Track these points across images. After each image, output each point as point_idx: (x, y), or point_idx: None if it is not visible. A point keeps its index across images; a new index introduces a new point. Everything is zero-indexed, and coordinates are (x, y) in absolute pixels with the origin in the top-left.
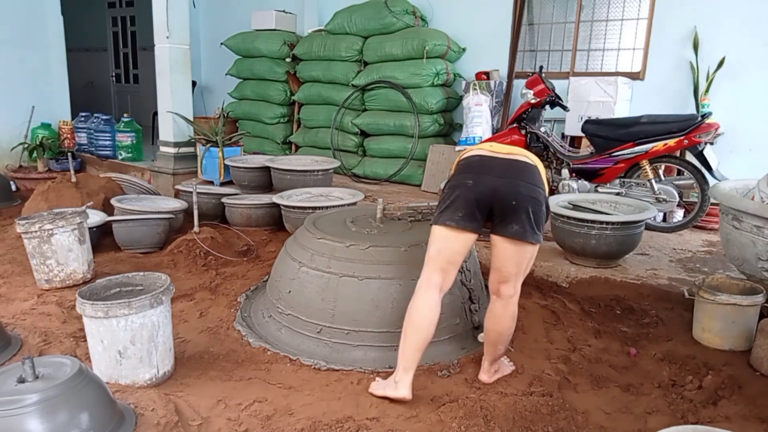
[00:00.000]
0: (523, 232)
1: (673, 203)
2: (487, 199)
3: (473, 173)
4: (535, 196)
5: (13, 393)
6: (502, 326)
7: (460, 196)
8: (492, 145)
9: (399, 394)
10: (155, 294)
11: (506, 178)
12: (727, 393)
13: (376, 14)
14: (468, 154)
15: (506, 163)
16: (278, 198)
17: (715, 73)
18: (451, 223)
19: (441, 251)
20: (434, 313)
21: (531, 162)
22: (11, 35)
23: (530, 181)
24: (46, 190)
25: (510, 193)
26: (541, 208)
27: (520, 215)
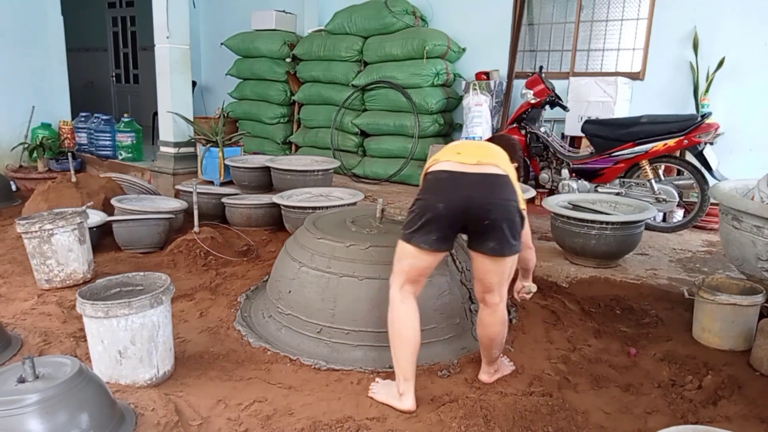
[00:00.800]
0: (500, 248)
1: (672, 203)
2: (460, 220)
3: (443, 194)
4: (509, 210)
5: (13, 393)
6: (492, 332)
7: (432, 220)
8: (460, 153)
9: (404, 406)
10: (155, 294)
11: (477, 198)
12: (726, 393)
13: (376, 14)
14: (436, 168)
15: (476, 180)
16: (278, 198)
17: (715, 73)
18: (425, 247)
19: (413, 267)
20: (416, 320)
21: (502, 173)
22: (11, 35)
23: (502, 196)
24: (47, 190)
25: (482, 213)
26: (515, 220)
27: (494, 233)
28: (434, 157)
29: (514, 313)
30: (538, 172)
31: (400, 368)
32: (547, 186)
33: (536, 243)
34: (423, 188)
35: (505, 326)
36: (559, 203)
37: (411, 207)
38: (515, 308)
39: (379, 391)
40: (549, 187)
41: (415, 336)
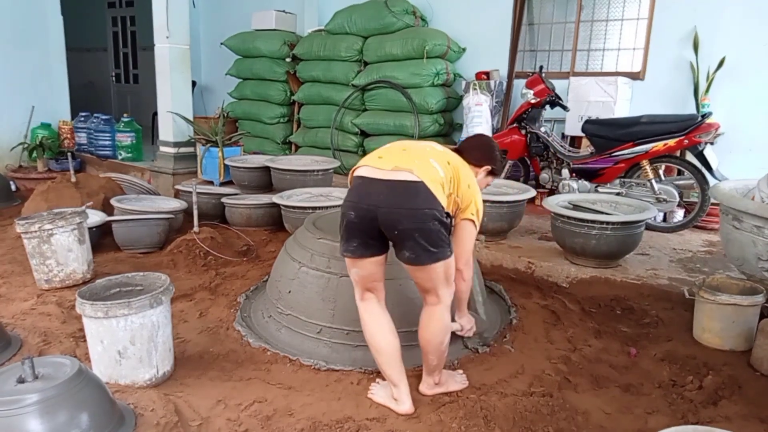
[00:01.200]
0: (416, 257)
1: (673, 203)
2: (373, 227)
3: (354, 201)
4: (418, 220)
5: (13, 393)
6: (428, 334)
7: (348, 228)
8: (381, 156)
9: (401, 409)
10: (155, 294)
11: (385, 206)
12: (727, 393)
13: (376, 14)
14: (356, 172)
15: (386, 187)
16: (278, 198)
17: (715, 73)
18: (348, 254)
19: (359, 275)
20: (385, 326)
21: (414, 179)
22: (11, 35)
23: (411, 205)
24: (46, 190)
25: (391, 222)
26: (430, 229)
27: (406, 242)
28: (361, 161)
29: (514, 313)
30: (538, 172)
31: (386, 375)
32: (547, 186)
33: (537, 243)
34: (347, 193)
35: (443, 331)
36: (559, 203)
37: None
38: (515, 308)
39: (378, 392)
40: (549, 187)
41: (387, 343)
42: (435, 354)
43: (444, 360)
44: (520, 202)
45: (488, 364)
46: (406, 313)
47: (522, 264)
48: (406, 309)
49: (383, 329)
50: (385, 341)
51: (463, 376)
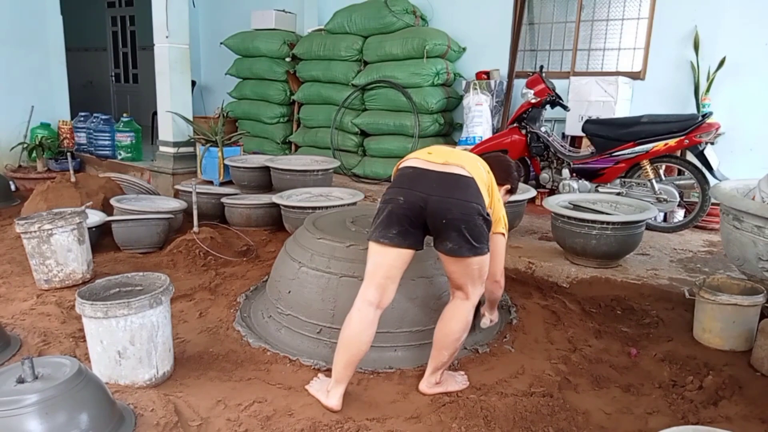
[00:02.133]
0: (458, 249)
1: (673, 203)
2: (419, 215)
3: (405, 188)
4: (467, 212)
5: (13, 393)
6: (447, 328)
7: (392, 213)
8: (431, 152)
9: (328, 403)
10: (155, 294)
11: (436, 194)
12: (727, 393)
13: (376, 14)
14: (404, 164)
15: (438, 177)
16: (278, 198)
17: (716, 72)
18: (385, 241)
19: (377, 266)
20: (367, 333)
21: (466, 174)
22: (11, 35)
23: (462, 197)
24: (46, 190)
25: (440, 211)
26: (476, 223)
27: (452, 233)
28: (407, 156)
29: (514, 313)
30: (538, 172)
31: (335, 369)
32: (547, 186)
33: (537, 243)
34: (391, 183)
35: (463, 327)
36: (559, 203)
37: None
38: (516, 309)
39: (314, 384)
40: (549, 187)
41: (359, 347)
42: (449, 350)
43: (453, 358)
44: (521, 202)
45: (488, 364)
46: (406, 314)
47: (522, 264)
48: (404, 310)
49: (366, 334)
50: (359, 343)
51: (464, 376)
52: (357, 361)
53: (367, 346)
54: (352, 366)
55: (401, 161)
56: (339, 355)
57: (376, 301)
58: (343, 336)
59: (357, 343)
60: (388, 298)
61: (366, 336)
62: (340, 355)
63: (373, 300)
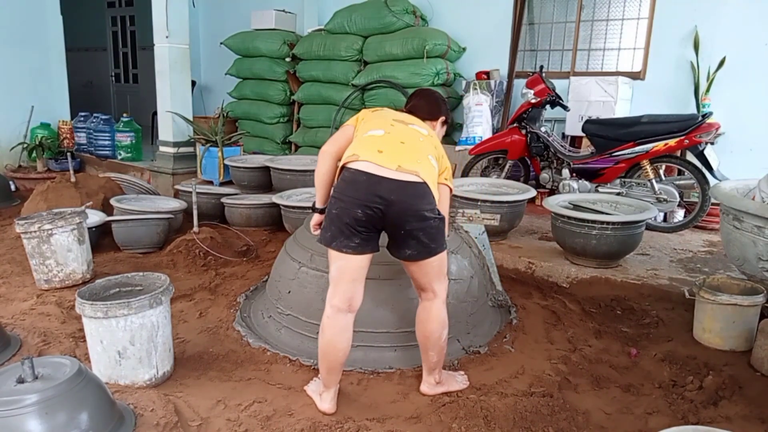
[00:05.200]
0: (416, 254)
1: (673, 203)
2: (377, 224)
3: (361, 198)
4: (425, 219)
5: (13, 393)
6: (427, 329)
7: (351, 225)
8: (381, 153)
9: (322, 407)
10: (154, 294)
11: (395, 207)
12: (727, 393)
13: (376, 14)
14: (354, 165)
15: (395, 186)
16: (278, 198)
17: (716, 72)
18: (347, 251)
19: (342, 272)
20: (342, 338)
21: (420, 181)
22: (10, 35)
23: (419, 207)
24: (46, 190)
25: (399, 222)
26: (432, 226)
27: (410, 241)
28: (354, 151)
29: (514, 313)
30: (538, 172)
31: (321, 375)
32: (547, 186)
33: (537, 243)
34: (340, 186)
35: (441, 326)
36: (559, 203)
37: (330, 205)
38: (516, 309)
39: (311, 386)
40: (549, 187)
41: (336, 354)
42: (434, 350)
43: (443, 356)
44: (521, 202)
45: (488, 364)
46: (406, 314)
47: (522, 264)
48: (404, 310)
49: (342, 343)
50: (334, 355)
51: (464, 376)
52: (339, 365)
53: (345, 351)
54: (335, 371)
55: (348, 157)
56: (320, 362)
57: (345, 306)
58: (320, 343)
59: (333, 350)
60: (358, 300)
61: (341, 342)
62: (321, 363)
63: (342, 306)
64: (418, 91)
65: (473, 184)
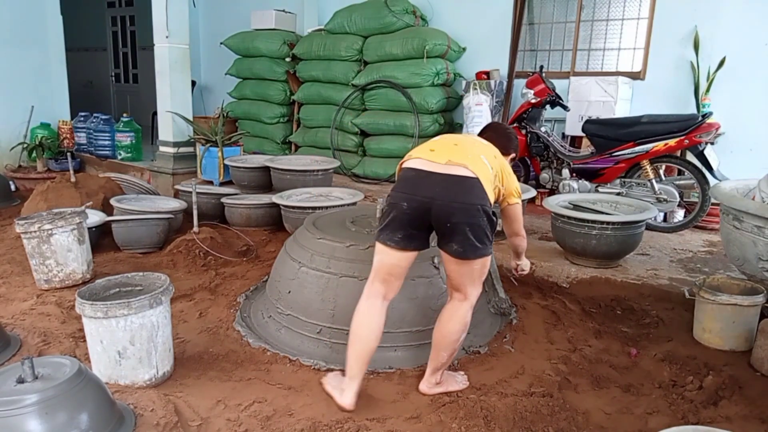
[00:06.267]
0: (462, 251)
1: (673, 203)
2: (423, 220)
3: (408, 193)
4: (472, 214)
5: (13, 393)
6: (447, 329)
7: (396, 218)
8: (433, 149)
9: (341, 401)
10: (154, 294)
11: (440, 199)
12: (727, 393)
13: (376, 14)
14: (407, 164)
15: (442, 180)
16: (278, 198)
17: (716, 72)
18: (391, 244)
19: (383, 264)
20: (376, 322)
21: (470, 175)
22: (11, 35)
23: (465, 200)
24: (46, 190)
25: (444, 215)
26: (480, 224)
27: (456, 236)
28: (410, 152)
29: (514, 313)
30: (538, 172)
31: (348, 365)
32: (547, 186)
33: (537, 243)
34: (395, 184)
35: (462, 328)
36: (559, 203)
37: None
38: (516, 309)
39: (330, 381)
40: (549, 187)
41: (369, 336)
42: (447, 350)
43: (452, 358)
44: None
45: (488, 364)
46: (406, 314)
47: None
48: (404, 310)
49: (372, 326)
50: (367, 336)
51: (464, 376)
52: (367, 354)
53: (376, 336)
54: (363, 360)
55: (405, 159)
56: (349, 349)
57: (381, 293)
58: (352, 328)
59: (366, 332)
60: (393, 292)
61: (375, 324)
62: (350, 349)
63: (378, 292)
64: (493, 125)
65: None
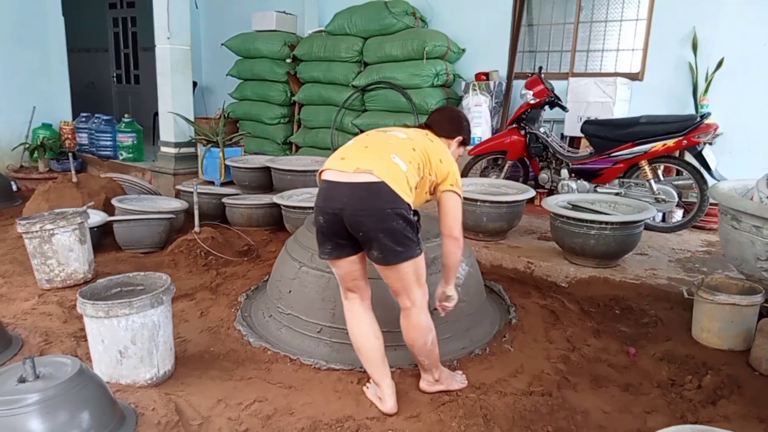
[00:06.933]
0: (383, 257)
1: (672, 203)
2: (342, 230)
3: (320, 206)
4: (382, 218)
5: (14, 393)
6: (409, 337)
7: (320, 232)
8: (343, 159)
9: (383, 408)
10: (156, 294)
11: (348, 209)
12: (726, 393)
13: (376, 15)
14: (323, 175)
15: (348, 190)
16: (278, 198)
17: (714, 73)
18: (325, 257)
19: (338, 274)
20: (366, 325)
21: (374, 180)
22: (12, 35)
23: (372, 205)
24: (47, 190)
25: (355, 224)
26: (395, 228)
27: (373, 242)
28: (327, 161)
29: (513, 313)
30: (537, 173)
31: (369, 372)
32: (546, 186)
33: (536, 243)
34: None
35: (423, 333)
36: (558, 203)
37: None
38: (515, 308)
39: (370, 389)
40: (548, 187)
41: (367, 343)
42: (423, 354)
43: (436, 358)
44: (520, 202)
45: (488, 363)
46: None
47: (521, 264)
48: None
49: (364, 329)
50: (365, 341)
51: (463, 376)
52: (377, 357)
53: (376, 337)
54: (377, 363)
55: (321, 169)
56: (360, 358)
57: (355, 297)
58: (352, 341)
59: (363, 339)
60: (366, 291)
61: (366, 328)
62: (360, 358)
63: (353, 298)
64: (440, 108)
65: (472, 184)
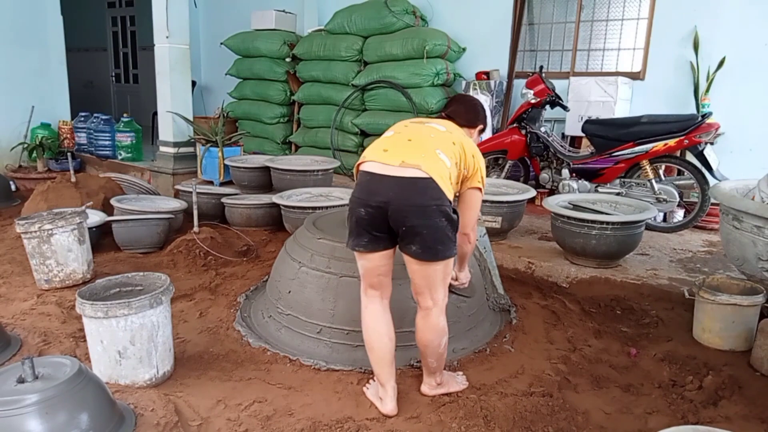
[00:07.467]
0: (421, 252)
1: (673, 203)
2: (383, 223)
3: (363, 198)
4: (428, 215)
5: (13, 393)
6: (424, 338)
7: (358, 224)
8: (386, 151)
9: (383, 409)
10: (155, 294)
11: (394, 203)
12: (727, 393)
13: (376, 14)
14: (363, 167)
15: (395, 183)
16: (278, 198)
17: (716, 73)
18: (360, 249)
19: (365, 268)
20: (383, 326)
21: (423, 176)
22: (11, 35)
23: (420, 201)
24: (46, 190)
25: (399, 218)
26: (437, 226)
27: (414, 237)
28: (364, 153)
29: (514, 313)
30: (538, 172)
31: (375, 373)
32: (547, 186)
33: (537, 243)
34: (354, 189)
35: (439, 335)
36: (559, 203)
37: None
38: (515, 308)
39: (371, 389)
40: (549, 187)
41: (380, 344)
42: (433, 356)
43: (444, 361)
44: (520, 202)
45: (488, 364)
46: (406, 314)
47: (522, 264)
48: (404, 310)
49: (380, 329)
50: (378, 341)
51: (464, 377)
52: (387, 359)
53: (390, 338)
54: (385, 365)
55: (361, 160)
56: (369, 357)
57: (377, 295)
58: (365, 339)
59: (377, 339)
60: (387, 289)
61: (382, 329)
62: (370, 357)
63: (373, 296)
64: (458, 97)
65: None
